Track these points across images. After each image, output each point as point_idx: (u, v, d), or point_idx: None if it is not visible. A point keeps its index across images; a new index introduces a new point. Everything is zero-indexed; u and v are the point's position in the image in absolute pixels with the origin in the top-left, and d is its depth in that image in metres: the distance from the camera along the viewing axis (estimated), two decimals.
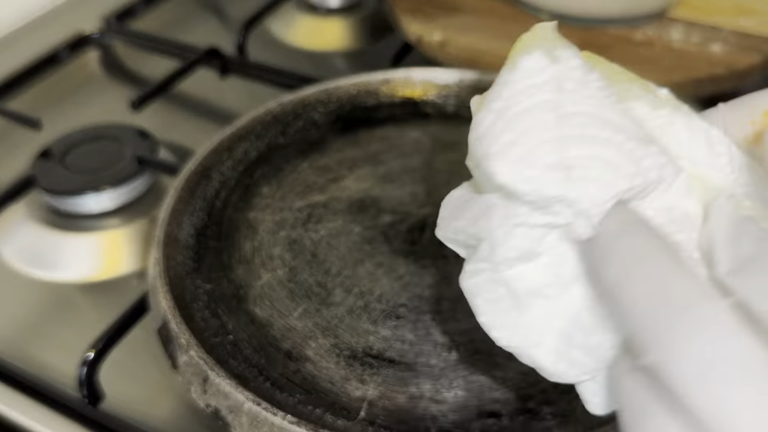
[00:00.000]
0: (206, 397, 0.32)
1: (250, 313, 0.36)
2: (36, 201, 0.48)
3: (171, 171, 0.47)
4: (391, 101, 0.48)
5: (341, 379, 0.33)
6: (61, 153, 0.49)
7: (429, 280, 0.37)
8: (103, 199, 0.47)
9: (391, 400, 0.32)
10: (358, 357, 0.34)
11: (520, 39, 0.26)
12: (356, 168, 0.44)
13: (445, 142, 0.46)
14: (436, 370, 0.34)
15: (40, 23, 0.67)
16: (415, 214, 0.41)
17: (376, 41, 0.66)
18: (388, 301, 0.37)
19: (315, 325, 0.35)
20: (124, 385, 0.38)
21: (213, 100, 0.59)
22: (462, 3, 0.60)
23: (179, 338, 0.33)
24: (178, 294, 0.35)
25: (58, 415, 0.37)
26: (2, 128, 0.56)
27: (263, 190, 0.42)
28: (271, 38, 0.66)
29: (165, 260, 0.36)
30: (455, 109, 0.48)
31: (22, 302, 0.43)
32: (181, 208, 0.39)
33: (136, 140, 0.50)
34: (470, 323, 0.35)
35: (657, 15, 0.56)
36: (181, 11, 0.70)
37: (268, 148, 0.45)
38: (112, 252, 0.46)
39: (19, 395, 0.38)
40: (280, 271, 0.38)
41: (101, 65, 0.63)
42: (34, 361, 0.40)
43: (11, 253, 0.46)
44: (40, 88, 0.60)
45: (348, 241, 0.40)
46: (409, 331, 0.35)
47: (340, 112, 0.48)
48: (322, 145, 0.46)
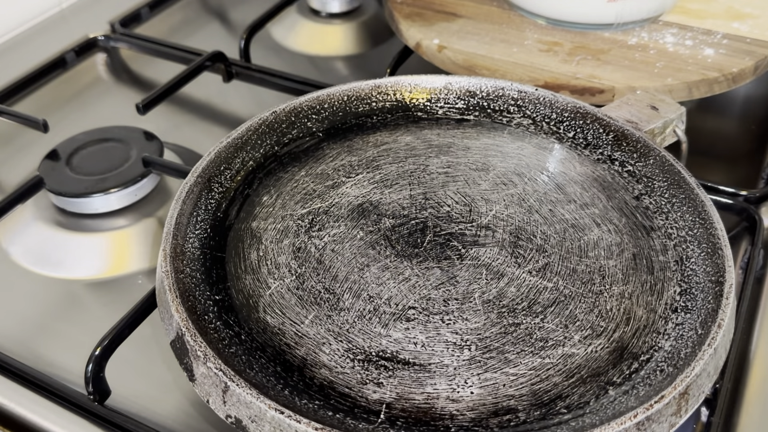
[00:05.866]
0: (226, 408, 0.32)
1: (262, 322, 0.36)
2: (44, 201, 0.49)
3: (176, 172, 0.48)
4: (383, 107, 0.49)
5: (358, 384, 0.33)
6: (68, 155, 0.50)
7: (435, 281, 0.38)
8: (109, 200, 0.47)
9: (408, 401, 0.33)
10: (372, 360, 0.34)
11: None
12: (353, 174, 0.45)
13: (438, 146, 0.46)
14: (450, 369, 0.34)
15: (47, 28, 0.67)
16: (416, 217, 0.42)
17: (376, 46, 0.67)
18: (397, 303, 0.37)
19: (327, 330, 0.36)
20: (130, 382, 0.39)
21: (217, 103, 0.60)
22: (460, 8, 0.60)
23: (196, 350, 0.33)
24: (190, 306, 0.35)
25: (65, 412, 0.37)
26: (10, 130, 0.56)
27: (264, 200, 0.43)
28: (273, 43, 0.67)
29: (174, 273, 0.36)
30: (446, 113, 0.49)
31: (30, 301, 0.44)
32: (185, 221, 0.39)
33: (142, 142, 0.50)
34: (479, 322, 0.36)
35: (651, 19, 0.57)
36: (186, 17, 0.71)
37: (264, 157, 0.45)
38: (118, 251, 0.46)
39: (27, 392, 0.38)
40: (288, 279, 0.38)
41: (107, 69, 0.64)
42: (42, 358, 0.40)
43: (19, 252, 0.46)
44: (48, 91, 0.60)
45: (352, 246, 0.40)
46: (420, 332, 0.36)
47: (333, 119, 0.48)
48: (318, 152, 0.46)
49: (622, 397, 0.32)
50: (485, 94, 0.48)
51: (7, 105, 0.57)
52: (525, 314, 0.36)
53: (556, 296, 0.37)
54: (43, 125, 0.53)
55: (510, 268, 0.39)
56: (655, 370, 0.33)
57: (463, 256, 0.39)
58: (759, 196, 0.47)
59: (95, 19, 0.67)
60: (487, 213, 0.42)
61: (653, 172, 0.43)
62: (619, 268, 0.39)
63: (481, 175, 0.44)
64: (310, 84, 0.57)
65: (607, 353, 0.35)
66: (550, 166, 0.45)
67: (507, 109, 0.48)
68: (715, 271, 0.36)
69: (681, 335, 0.35)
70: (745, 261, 0.44)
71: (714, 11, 0.58)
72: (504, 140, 0.47)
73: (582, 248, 0.40)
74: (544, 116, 0.47)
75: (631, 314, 0.36)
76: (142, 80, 0.63)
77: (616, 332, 0.36)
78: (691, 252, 0.38)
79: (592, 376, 0.34)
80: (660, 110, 0.46)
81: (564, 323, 0.36)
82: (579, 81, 0.52)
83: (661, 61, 0.53)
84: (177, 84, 0.57)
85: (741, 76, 0.52)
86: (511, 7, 0.60)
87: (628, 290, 0.38)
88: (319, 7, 0.70)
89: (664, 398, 0.30)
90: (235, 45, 0.62)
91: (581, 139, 0.46)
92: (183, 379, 0.34)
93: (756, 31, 0.55)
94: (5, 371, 0.39)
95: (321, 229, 0.41)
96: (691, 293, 0.37)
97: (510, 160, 0.45)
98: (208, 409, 0.32)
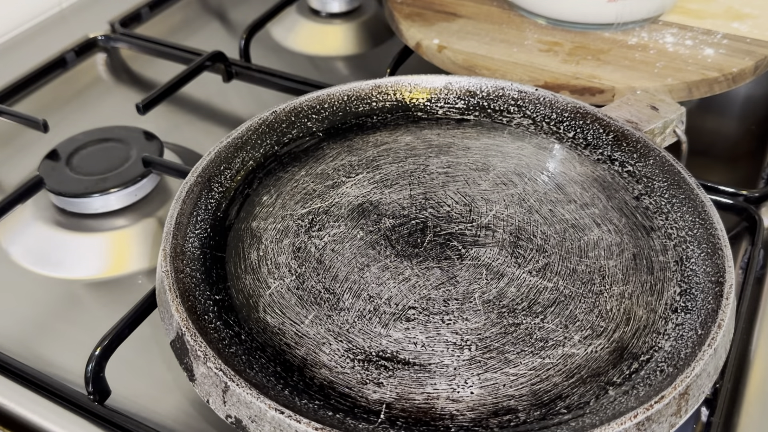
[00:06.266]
0: (226, 408, 0.32)
1: (262, 322, 0.36)
2: (44, 201, 0.49)
3: (176, 172, 0.48)
4: (383, 107, 0.49)
5: (358, 384, 0.33)
6: (68, 155, 0.50)
7: (435, 282, 0.38)
8: (109, 200, 0.47)
9: (409, 401, 0.33)
10: (372, 360, 0.34)
11: None
12: (353, 174, 0.45)
13: (438, 146, 0.46)
14: (450, 369, 0.34)
15: (47, 28, 0.68)
16: (416, 217, 0.42)
17: (376, 46, 0.67)
18: (397, 303, 0.37)
19: (327, 330, 0.36)
20: (130, 382, 0.39)
21: (217, 103, 0.60)
22: (460, 8, 0.60)
23: (196, 350, 0.33)
24: (190, 306, 0.35)
25: (65, 412, 0.37)
26: (10, 130, 0.56)
27: (264, 199, 0.43)
28: (273, 43, 0.67)
29: (174, 273, 0.36)
30: (446, 113, 0.49)
31: (30, 300, 0.44)
32: (185, 220, 0.39)
33: (142, 142, 0.51)
34: (479, 322, 0.36)
35: (651, 19, 0.57)
36: (186, 17, 0.71)
37: (264, 157, 0.45)
38: (118, 251, 0.46)
39: (27, 392, 0.38)
40: (288, 279, 0.38)
41: (107, 69, 0.64)
42: (42, 358, 0.40)
43: (19, 252, 0.46)
44: (48, 91, 0.60)
45: (352, 246, 0.40)
46: (420, 332, 0.36)
47: (333, 119, 0.48)
48: (318, 152, 0.46)
49: (622, 397, 0.32)
50: (485, 94, 0.48)
51: (7, 105, 0.57)
52: (525, 314, 0.36)
53: (556, 296, 0.37)
54: (43, 125, 0.53)
55: (510, 268, 0.39)
56: (655, 370, 0.33)
57: (463, 256, 0.39)
58: (759, 196, 0.47)
59: (95, 19, 0.68)
60: (487, 213, 0.42)
61: (653, 172, 0.43)
62: (619, 269, 0.39)
63: (481, 175, 0.44)
64: (310, 84, 0.57)
65: (607, 353, 0.35)
66: (550, 166, 0.45)
67: (507, 109, 0.48)
68: (715, 271, 0.36)
69: (681, 335, 0.35)
70: (745, 261, 0.44)
71: (714, 11, 0.58)
72: (504, 140, 0.47)
73: (582, 248, 0.40)
74: (544, 116, 0.47)
75: (631, 314, 0.36)
76: (142, 80, 0.63)
77: (616, 332, 0.36)
78: (691, 252, 0.38)
79: (592, 376, 0.34)
80: (660, 110, 0.46)
81: (564, 323, 0.36)
82: (579, 81, 0.52)
83: (661, 61, 0.53)
84: (177, 84, 0.57)
85: (741, 76, 0.52)
86: (511, 7, 0.60)
87: (628, 290, 0.38)
88: (319, 7, 0.70)
89: (664, 398, 0.30)
90: (235, 45, 0.62)
91: (581, 139, 0.46)
92: (183, 379, 0.34)
93: (756, 31, 0.55)
94: (5, 371, 0.39)
95: (321, 229, 0.41)
96: (691, 293, 0.37)
97: (510, 160, 0.45)
98: (208, 409, 0.32)
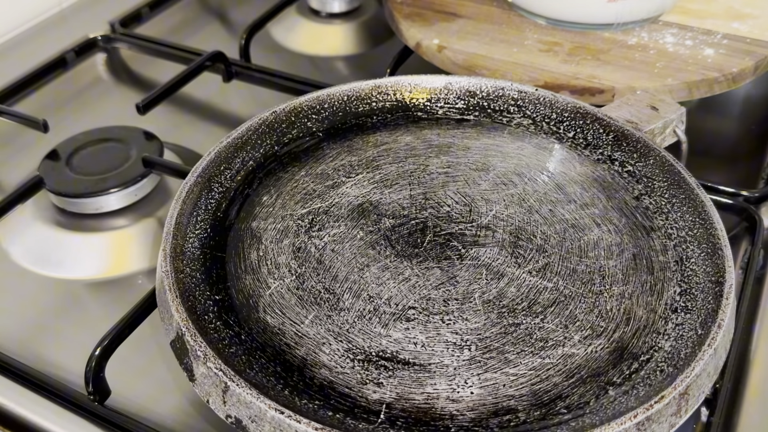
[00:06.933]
0: (226, 408, 0.32)
1: (262, 322, 0.36)
2: (44, 201, 0.49)
3: (176, 172, 0.48)
4: (383, 107, 0.49)
5: (358, 384, 0.33)
6: (68, 155, 0.50)
7: (435, 282, 0.38)
8: (109, 200, 0.47)
9: (409, 401, 0.33)
10: (372, 360, 0.34)
11: None
12: (353, 174, 0.45)
13: (438, 146, 0.46)
14: (450, 369, 0.34)
15: (47, 28, 0.67)
16: (415, 217, 0.42)
17: (376, 46, 0.67)
18: (397, 304, 0.37)
19: (327, 330, 0.36)
20: (130, 382, 0.39)
21: (217, 103, 0.60)
22: (460, 9, 0.60)
23: (196, 350, 0.33)
24: (190, 306, 0.35)
25: (65, 412, 0.37)
26: (10, 130, 0.56)
27: (263, 199, 0.43)
28: (273, 43, 0.67)
29: (174, 273, 0.36)
30: (446, 113, 0.49)
31: (30, 300, 0.44)
32: (185, 221, 0.39)
33: (142, 142, 0.51)
34: (479, 322, 0.36)
35: (651, 19, 0.57)
36: (186, 17, 0.71)
37: (264, 157, 0.45)
38: (118, 251, 0.46)
39: (27, 392, 0.38)
40: (288, 279, 0.38)
41: (108, 69, 0.64)
42: (42, 358, 0.40)
43: (19, 252, 0.46)
44: (48, 91, 0.60)
45: (352, 246, 0.40)
46: (420, 332, 0.36)
47: (333, 119, 0.48)
48: (318, 152, 0.46)
49: (622, 397, 0.32)
50: (485, 94, 0.48)
51: (7, 105, 0.57)
52: (525, 314, 0.36)
53: (556, 296, 0.37)
54: (43, 125, 0.53)
55: (510, 268, 0.39)
56: (655, 370, 0.33)
57: (463, 256, 0.39)
58: (759, 196, 0.47)
59: (95, 19, 0.68)
60: (487, 213, 0.42)
61: (653, 172, 0.43)
62: (619, 269, 0.39)
63: (481, 175, 0.44)
64: (310, 84, 0.57)
65: (607, 353, 0.35)
66: (550, 166, 0.45)
67: (507, 109, 0.48)
68: (715, 271, 0.36)
69: (681, 335, 0.35)
70: (745, 261, 0.44)
71: (714, 11, 0.58)
72: (504, 140, 0.47)
73: (582, 248, 0.40)
74: (544, 116, 0.47)
75: (631, 314, 0.36)
76: (142, 80, 0.63)
77: (616, 332, 0.36)
78: (691, 252, 0.38)
79: (592, 376, 0.34)
80: (660, 110, 0.46)
81: (564, 323, 0.36)
82: (579, 81, 0.52)
83: (661, 61, 0.53)
84: (177, 84, 0.57)
85: (741, 76, 0.52)
86: (511, 7, 0.60)
87: (628, 290, 0.38)
88: (319, 7, 0.70)
89: (664, 398, 0.30)
90: (235, 45, 0.62)
91: (581, 139, 0.46)
92: (183, 379, 0.34)
93: (756, 31, 0.55)
94: (5, 371, 0.39)
95: (321, 229, 0.41)
96: (691, 293, 0.37)
97: (510, 160, 0.45)
98: (208, 409, 0.32)
